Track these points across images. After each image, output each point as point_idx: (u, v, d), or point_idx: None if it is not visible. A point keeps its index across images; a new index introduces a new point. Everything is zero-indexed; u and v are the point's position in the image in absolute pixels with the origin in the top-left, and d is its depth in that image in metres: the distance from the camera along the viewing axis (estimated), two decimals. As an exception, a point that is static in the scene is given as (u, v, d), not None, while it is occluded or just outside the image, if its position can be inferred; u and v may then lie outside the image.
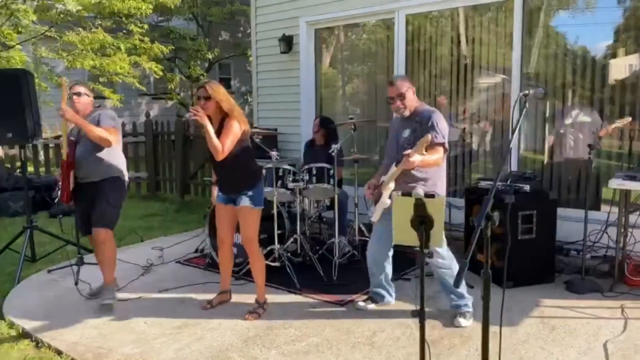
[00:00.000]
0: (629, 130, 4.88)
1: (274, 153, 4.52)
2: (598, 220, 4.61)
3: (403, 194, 2.02)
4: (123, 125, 9.18)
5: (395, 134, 3.66)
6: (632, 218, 4.39)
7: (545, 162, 5.25)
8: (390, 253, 3.81)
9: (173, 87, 13.03)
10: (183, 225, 6.87)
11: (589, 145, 4.13)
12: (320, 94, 6.90)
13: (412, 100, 3.51)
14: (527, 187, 4.31)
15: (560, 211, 4.57)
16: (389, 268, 3.88)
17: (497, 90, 5.63)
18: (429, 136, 3.12)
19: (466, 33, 5.73)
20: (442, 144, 3.42)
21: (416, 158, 3.18)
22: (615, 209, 4.27)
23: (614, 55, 5.14)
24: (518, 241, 4.25)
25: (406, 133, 3.52)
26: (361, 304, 3.89)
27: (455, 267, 3.58)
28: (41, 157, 8.97)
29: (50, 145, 8.93)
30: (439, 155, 3.38)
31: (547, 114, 5.30)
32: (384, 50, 6.32)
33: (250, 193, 3.71)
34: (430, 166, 3.40)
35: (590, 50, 5.27)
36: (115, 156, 4.10)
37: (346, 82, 7.27)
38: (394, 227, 2.12)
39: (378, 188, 3.60)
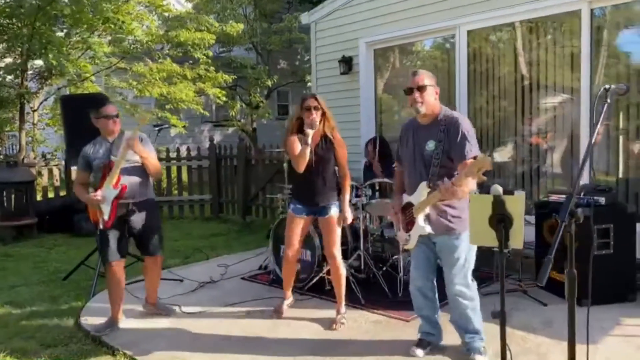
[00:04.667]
0: None
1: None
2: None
3: (481, 191, 1.98)
4: (188, 150, 9.60)
5: (413, 144, 3.24)
6: None
7: (621, 175, 5.01)
8: (435, 280, 3.39)
9: (234, 114, 13.45)
10: (245, 245, 6.99)
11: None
12: (380, 113, 6.92)
13: (431, 98, 3.13)
14: (602, 200, 4.12)
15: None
16: (436, 300, 3.42)
17: (563, 108, 5.47)
18: (488, 161, 2.53)
19: (530, 47, 5.63)
20: (477, 156, 2.88)
21: (472, 186, 2.79)
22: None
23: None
24: (593, 257, 4.03)
25: (431, 144, 3.11)
26: (417, 350, 3.36)
27: (478, 302, 3.23)
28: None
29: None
30: None
31: (621, 127, 5.08)
32: (444, 68, 6.29)
33: (337, 202, 3.93)
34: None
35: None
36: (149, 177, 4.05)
37: (404, 100, 7.26)
38: (471, 228, 2.08)
39: (407, 210, 3.24)
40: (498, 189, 1.93)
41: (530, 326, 3.70)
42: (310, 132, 3.65)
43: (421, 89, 3.10)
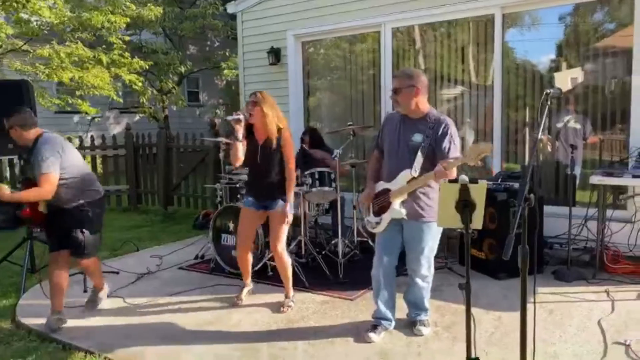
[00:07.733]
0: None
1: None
2: (574, 216, 5.00)
3: (450, 181, 2.29)
4: (103, 138, 9.17)
5: (398, 134, 3.37)
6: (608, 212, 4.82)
7: (526, 162, 5.66)
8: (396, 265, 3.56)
9: (145, 100, 12.98)
10: (173, 235, 6.93)
11: (571, 145, 4.53)
12: (308, 104, 7.15)
13: (406, 99, 3.28)
14: (516, 185, 4.67)
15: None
16: (395, 283, 3.60)
17: (471, 100, 6.07)
18: (489, 148, 2.85)
19: (449, 46, 6.13)
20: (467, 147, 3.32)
21: (454, 174, 3.04)
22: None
23: (557, 69, 5.69)
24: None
25: (418, 137, 3.27)
26: (372, 335, 3.49)
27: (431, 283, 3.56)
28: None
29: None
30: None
31: (527, 119, 5.75)
32: (370, 62, 6.64)
33: (285, 197, 3.96)
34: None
35: (537, 64, 5.84)
36: (72, 183, 3.76)
37: (331, 92, 7.55)
38: (439, 212, 2.38)
39: (381, 196, 3.42)
40: (465, 178, 2.26)
41: (460, 299, 4.09)
42: (237, 127, 3.80)
43: (396, 91, 3.31)
